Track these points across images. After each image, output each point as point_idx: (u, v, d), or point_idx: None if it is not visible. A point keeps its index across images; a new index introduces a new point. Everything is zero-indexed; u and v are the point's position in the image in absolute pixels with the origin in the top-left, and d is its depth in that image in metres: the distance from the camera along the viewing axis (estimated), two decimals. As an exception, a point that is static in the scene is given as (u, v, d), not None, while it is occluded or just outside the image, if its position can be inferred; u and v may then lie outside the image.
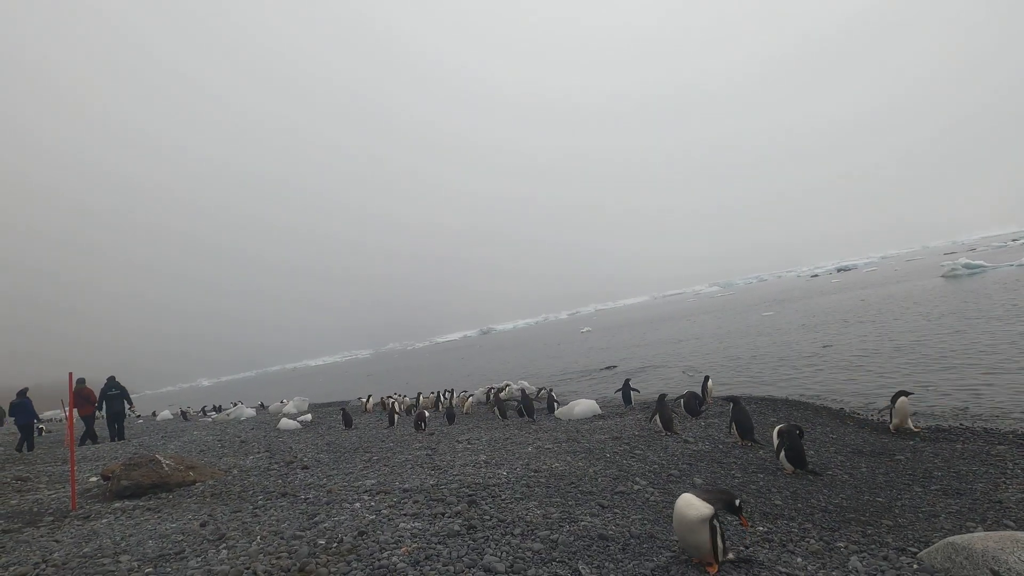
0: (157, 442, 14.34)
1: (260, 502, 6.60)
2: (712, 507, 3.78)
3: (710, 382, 13.74)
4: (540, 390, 18.75)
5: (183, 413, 30.79)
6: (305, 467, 9.12)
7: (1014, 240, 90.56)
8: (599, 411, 13.45)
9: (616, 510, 5.57)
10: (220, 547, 4.77)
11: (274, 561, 4.24)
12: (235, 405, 27.45)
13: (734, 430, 9.03)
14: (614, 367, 26.62)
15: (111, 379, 15.52)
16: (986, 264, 42.07)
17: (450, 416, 14.96)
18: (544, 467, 7.55)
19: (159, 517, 6.21)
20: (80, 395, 14.90)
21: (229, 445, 12.71)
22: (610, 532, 4.73)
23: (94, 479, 8.82)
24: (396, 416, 15.62)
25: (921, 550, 4.23)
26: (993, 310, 21.74)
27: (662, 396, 10.72)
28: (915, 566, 3.97)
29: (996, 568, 3.45)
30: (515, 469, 7.51)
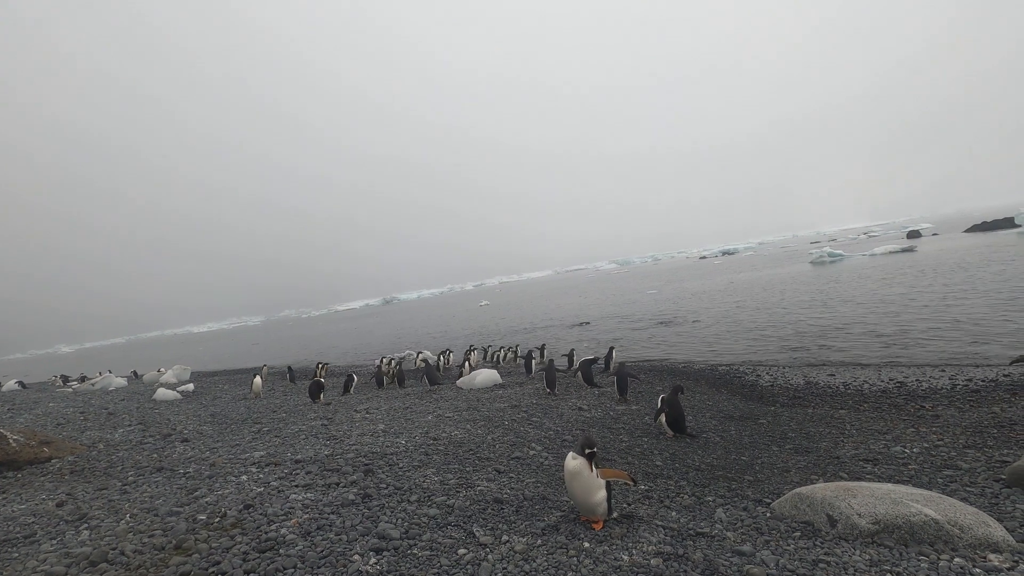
0: (3, 415, 12.62)
1: (131, 478, 6.06)
2: (585, 458, 4.13)
3: (614, 352, 14.64)
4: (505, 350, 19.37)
5: None
6: (185, 440, 8.48)
7: (865, 233, 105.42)
8: (500, 381, 13.75)
9: (512, 475, 5.77)
10: (80, 528, 4.33)
11: (146, 539, 3.93)
12: (102, 374, 24.72)
13: (615, 390, 10.47)
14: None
15: None
16: (844, 253, 48.25)
17: (347, 385, 14.59)
18: (443, 435, 7.61)
19: (4, 498, 5.50)
20: None
21: (94, 418, 11.47)
22: (505, 495, 4.90)
23: (-82, 458, 7.59)
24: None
25: (774, 501, 4.82)
26: (850, 293, 24.89)
27: (551, 361, 12.97)
28: (768, 515, 4.52)
29: (830, 512, 4.03)
30: (414, 437, 7.50)
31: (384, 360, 19.56)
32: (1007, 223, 54.86)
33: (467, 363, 16.33)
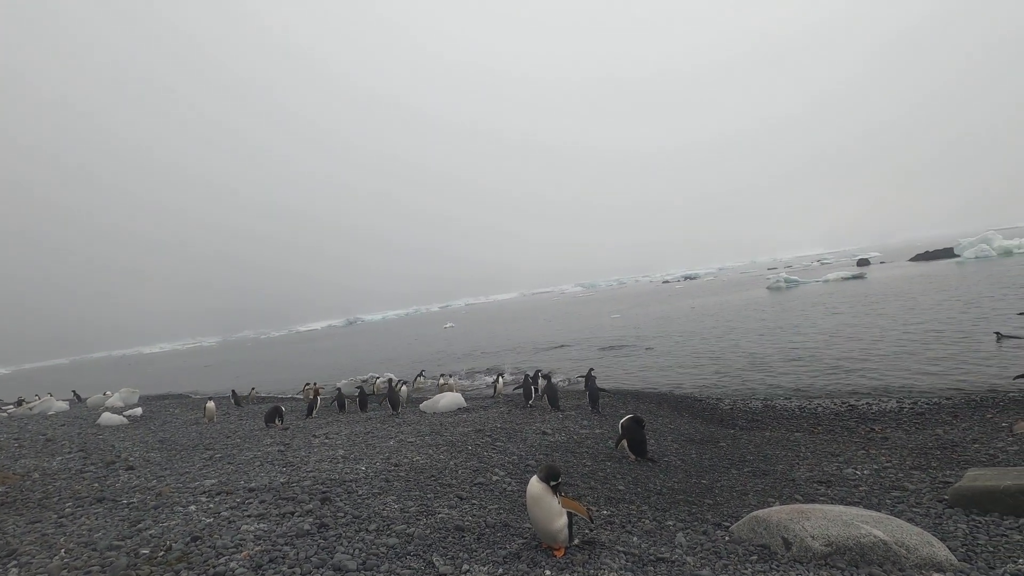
0: (-75, 442, 11.71)
1: (68, 510, 5.69)
2: (547, 483, 4.09)
3: (594, 372, 14.85)
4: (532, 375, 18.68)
5: None
6: (130, 468, 8.05)
7: (818, 261, 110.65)
8: (464, 404, 13.61)
9: (474, 501, 5.69)
10: (9, 565, 4.03)
11: (82, 577, 3.69)
12: (40, 397, 23.27)
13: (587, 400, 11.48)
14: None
15: None
16: (800, 279, 50.30)
17: (310, 409, 14.20)
18: (405, 461, 7.46)
19: (-77, 534, 5.08)
20: None
21: (30, 444, 10.78)
22: (467, 523, 4.81)
23: None
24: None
25: (732, 524, 4.89)
26: (804, 319, 25.77)
27: (526, 376, 13.25)
28: (727, 538, 4.58)
29: (785, 535, 4.12)
30: (374, 463, 7.32)
31: (393, 381, 19.36)
32: (947, 253, 58.23)
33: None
